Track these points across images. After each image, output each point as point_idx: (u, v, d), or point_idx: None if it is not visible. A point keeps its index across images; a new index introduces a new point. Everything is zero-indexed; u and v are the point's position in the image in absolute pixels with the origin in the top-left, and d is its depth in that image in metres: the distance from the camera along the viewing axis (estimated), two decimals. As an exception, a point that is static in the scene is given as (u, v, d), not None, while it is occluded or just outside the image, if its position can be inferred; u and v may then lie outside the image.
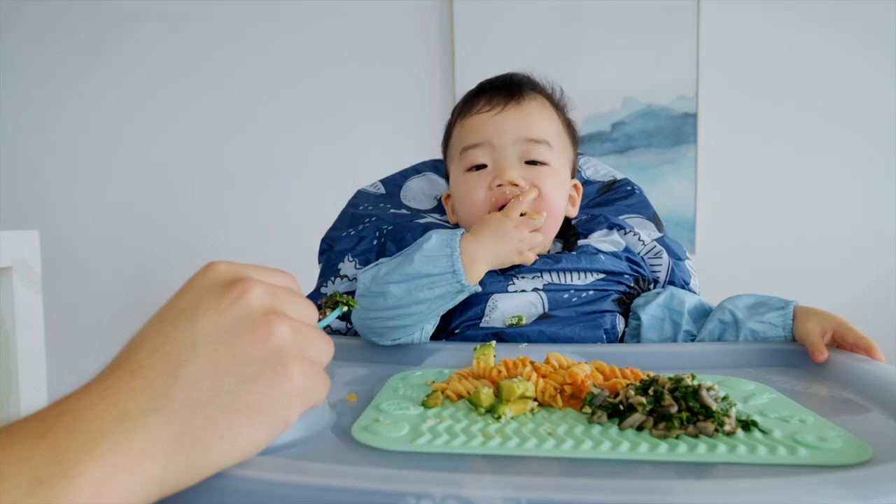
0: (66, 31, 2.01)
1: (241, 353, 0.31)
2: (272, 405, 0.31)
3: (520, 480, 0.31)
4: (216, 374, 0.30)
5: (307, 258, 1.10)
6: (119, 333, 1.41)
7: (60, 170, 2.04)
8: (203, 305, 0.32)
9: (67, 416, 0.27)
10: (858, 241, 1.81)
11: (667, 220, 1.71)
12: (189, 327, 0.31)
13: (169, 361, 0.30)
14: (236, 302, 0.32)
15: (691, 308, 0.78)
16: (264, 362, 0.32)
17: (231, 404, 0.30)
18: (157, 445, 0.28)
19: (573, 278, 0.80)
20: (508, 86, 0.82)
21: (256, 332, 0.32)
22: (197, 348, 0.31)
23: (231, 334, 0.32)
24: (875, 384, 0.53)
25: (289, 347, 0.33)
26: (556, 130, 0.83)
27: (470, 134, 0.81)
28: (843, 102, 1.80)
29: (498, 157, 0.79)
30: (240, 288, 0.33)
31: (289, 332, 0.33)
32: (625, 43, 1.82)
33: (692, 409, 0.42)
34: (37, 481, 0.25)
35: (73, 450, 0.26)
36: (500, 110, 0.80)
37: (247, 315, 0.32)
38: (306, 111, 1.96)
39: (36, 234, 1.16)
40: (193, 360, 0.30)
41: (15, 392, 1.13)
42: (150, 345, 0.31)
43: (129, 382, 0.29)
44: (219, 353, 0.31)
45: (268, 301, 0.34)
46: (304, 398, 0.33)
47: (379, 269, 0.71)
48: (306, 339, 0.34)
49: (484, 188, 0.79)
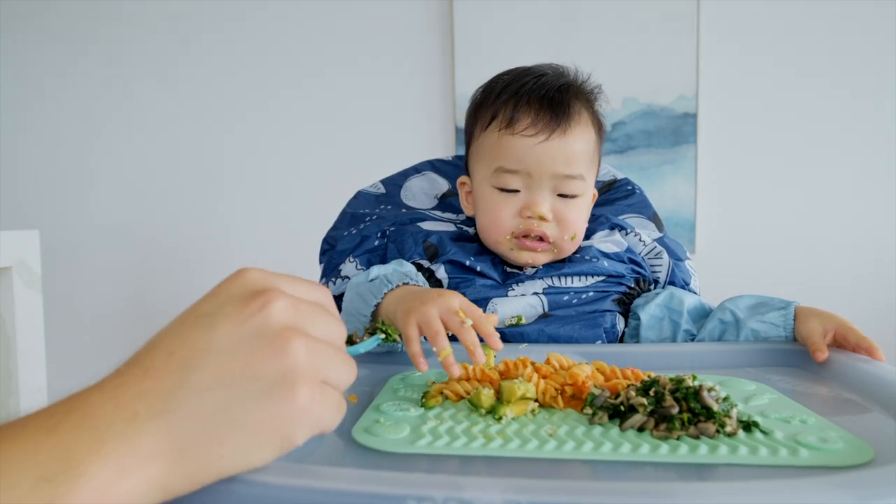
0: (66, 32, 2.00)
1: (253, 367, 0.31)
2: (274, 425, 0.31)
3: (521, 483, 0.31)
4: (224, 386, 0.30)
5: (307, 258, 1.10)
6: (119, 333, 1.42)
7: (60, 170, 2.04)
8: (224, 312, 0.32)
9: (77, 412, 0.27)
10: (858, 241, 1.81)
11: (667, 220, 1.71)
12: (207, 333, 0.31)
13: (182, 366, 0.30)
14: (257, 313, 0.32)
15: (690, 308, 0.78)
16: (272, 380, 0.31)
17: (233, 419, 0.30)
18: (161, 450, 0.28)
19: (574, 282, 0.80)
20: (556, 105, 0.78)
21: (271, 347, 0.31)
22: (211, 355, 0.30)
23: (246, 346, 0.31)
24: (876, 384, 0.53)
25: (301, 367, 0.32)
26: (591, 153, 0.81)
27: (508, 157, 0.78)
28: (843, 102, 1.80)
29: (533, 188, 0.78)
30: (263, 299, 0.32)
31: (304, 352, 0.32)
32: (625, 43, 1.82)
33: (693, 410, 0.42)
34: (42, 478, 0.25)
35: (80, 448, 0.26)
36: (545, 139, 0.76)
37: (265, 328, 0.32)
38: (306, 111, 1.96)
39: (36, 234, 1.16)
40: (205, 368, 0.30)
41: (15, 392, 1.13)
42: (168, 346, 0.31)
43: (141, 383, 0.29)
44: (231, 364, 0.30)
45: (290, 316, 0.33)
46: (310, 422, 0.32)
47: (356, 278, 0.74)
48: (323, 361, 0.33)
49: (512, 214, 0.79)
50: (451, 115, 1.85)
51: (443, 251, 0.82)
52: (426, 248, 0.83)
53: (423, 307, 0.53)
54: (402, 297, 0.61)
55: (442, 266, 0.80)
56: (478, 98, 0.85)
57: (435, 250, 0.83)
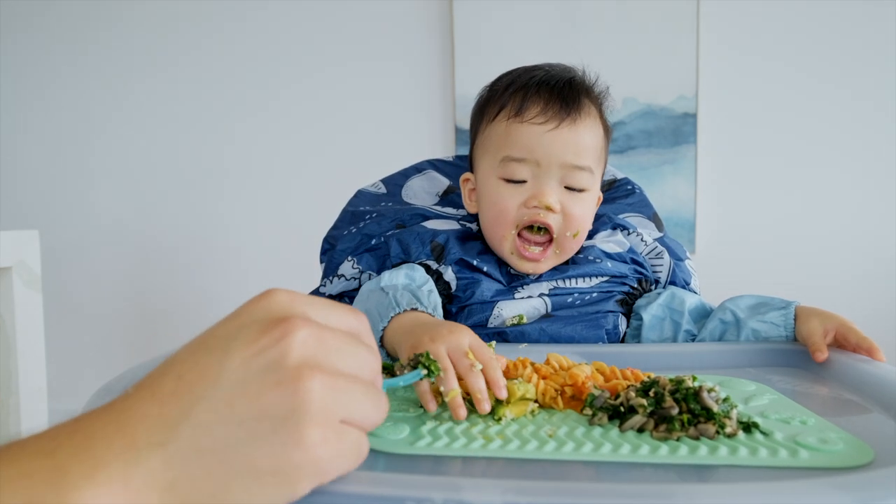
0: (66, 32, 2.01)
1: (260, 404, 0.28)
2: (276, 472, 0.28)
3: (520, 485, 0.31)
4: (228, 423, 0.28)
5: (308, 258, 1.10)
6: (119, 333, 1.41)
7: (60, 170, 2.04)
8: (241, 338, 0.29)
9: (79, 435, 0.27)
10: (858, 241, 1.81)
11: (667, 220, 1.71)
12: (219, 359, 0.29)
13: (188, 392, 0.28)
14: (275, 344, 0.29)
15: (692, 308, 0.78)
16: (280, 421, 0.28)
17: (233, 462, 0.27)
18: (155, 486, 0.26)
19: (578, 283, 0.80)
20: (566, 96, 0.77)
21: (282, 383, 0.28)
22: (219, 386, 0.28)
23: (257, 380, 0.28)
24: (876, 385, 0.53)
25: (312, 407, 0.28)
26: (599, 148, 0.80)
27: (516, 145, 0.77)
28: (843, 102, 1.80)
29: (541, 177, 0.77)
30: (284, 328, 0.29)
31: (319, 389, 0.29)
32: (625, 43, 1.82)
33: (693, 411, 0.42)
34: (29, 503, 0.24)
35: (74, 472, 0.25)
36: (554, 127, 0.75)
37: (280, 362, 0.29)
38: (307, 111, 1.96)
39: (36, 234, 1.16)
40: (211, 399, 0.28)
41: (15, 392, 1.13)
42: (179, 369, 0.29)
43: (147, 407, 0.28)
44: (238, 398, 0.28)
45: (310, 349, 0.30)
46: (318, 471, 0.29)
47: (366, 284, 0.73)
48: (344, 399, 0.30)
49: (517, 203, 0.77)
50: (451, 115, 1.85)
51: (449, 250, 0.81)
52: (433, 249, 0.83)
53: (431, 345, 0.50)
54: (410, 328, 0.58)
55: (449, 268, 0.80)
56: (484, 95, 0.84)
57: (442, 250, 0.82)
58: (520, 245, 0.78)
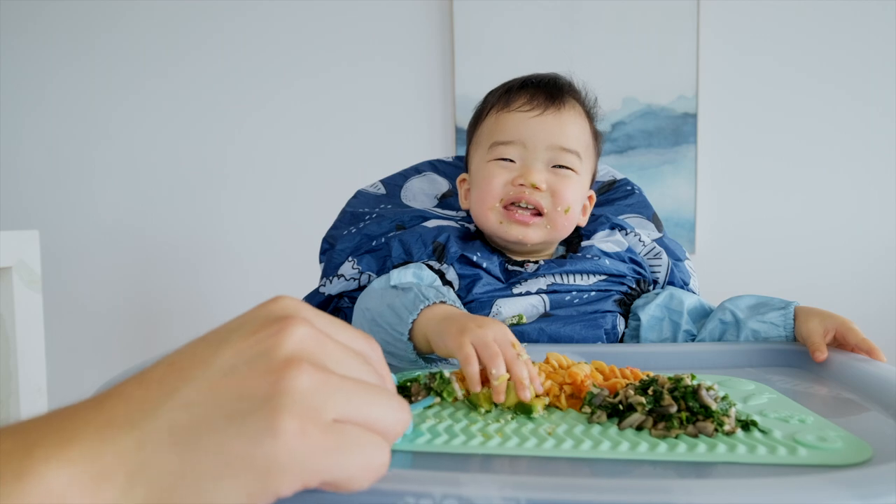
0: (66, 32, 2.01)
1: (242, 388, 0.26)
2: (248, 461, 0.25)
3: (519, 480, 0.31)
4: (208, 403, 0.26)
5: (308, 258, 1.10)
6: (119, 333, 1.42)
7: (60, 170, 2.04)
8: (240, 331, 0.29)
9: (65, 411, 0.26)
10: (858, 241, 1.81)
11: (667, 220, 1.71)
12: (214, 348, 0.28)
13: (177, 377, 0.27)
14: (272, 336, 0.28)
15: (690, 308, 0.78)
16: (258, 404, 0.26)
17: (206, 445, 0.25)
18: (123, 466, 0.25)
19: (576, 279, 0.80)
20: (551, 88, 0.82)
21: (270, 372, 0.27)
22: (208, 370, 0.27)
23: (246, 367, 0.27)
24: (875, 384, 0.53)
25: (295, 398, 0.26)
26: (586, 141, 0.83)
27: (504, 131, 0.81)
28: (843, 102, 1.80)
29: (528, 158, 0.79)
30: (283, 324, 0.28)
31: (305, 382, 0.27)
32: (625, 43, 1.82)
33: (692, 409, 0.42)
34: None
35: (45, 445, 0.24)
36: (539, 113, 0.80)
37: (272, 352, 0.27)
38: (306, 111, 1.96)
39: (36, 234, 1.16)
40: (197, 381, 0.27)
41: (15, 392, 1.13)
42: (172, 358, 0.28)
43: (132, 390, 0.27)
44: (224, 382, 0.27)
45: (306, 346, 0.28)
46: (297, 468, 0.26)
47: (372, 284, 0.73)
48: (338, 398, 0.28)
49: (504, 181, 0.79)
50: (451, 115, 1.85)
51: (449, 249, 0.82)
52: (435, 248, 0.83)
53: (479, 330, 0.51)
54: (449, 316, 0.58)
55: (451, 268, 0.80)
56: (478, 105, 0.89)
57: (443, 249, 0.83)
58: (507, 212, 0.79)
